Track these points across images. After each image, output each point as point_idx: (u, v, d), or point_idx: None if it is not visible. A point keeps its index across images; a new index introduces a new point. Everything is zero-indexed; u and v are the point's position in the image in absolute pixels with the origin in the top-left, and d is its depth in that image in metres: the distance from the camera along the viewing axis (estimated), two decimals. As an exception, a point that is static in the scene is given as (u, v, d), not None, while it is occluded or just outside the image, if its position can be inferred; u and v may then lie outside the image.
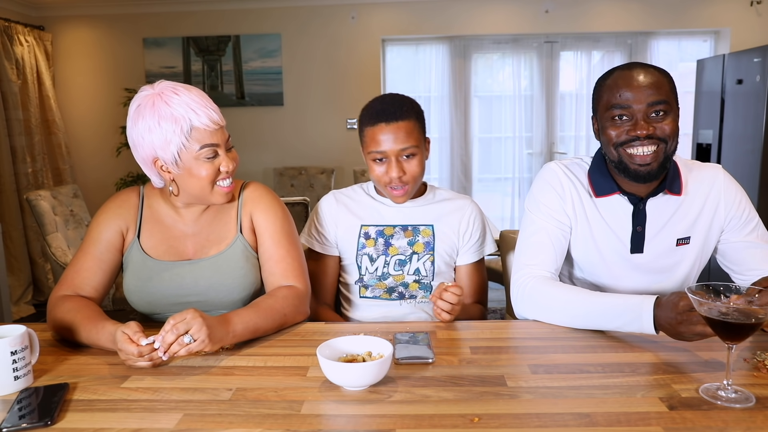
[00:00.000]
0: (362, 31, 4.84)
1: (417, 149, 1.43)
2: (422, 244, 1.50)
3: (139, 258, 1.31)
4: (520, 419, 0.85)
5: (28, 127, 4.43)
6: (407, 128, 1.42)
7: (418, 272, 1.50)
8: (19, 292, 4.19)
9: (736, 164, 3.88)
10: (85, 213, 3.35)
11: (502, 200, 5.27)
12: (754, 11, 4.64)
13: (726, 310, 0.89)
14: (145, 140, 1.22)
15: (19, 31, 4.42)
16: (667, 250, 1.32)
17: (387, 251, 1.50)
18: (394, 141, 1.41)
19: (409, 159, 1.43)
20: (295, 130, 4.99)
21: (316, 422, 0.86)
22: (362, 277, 1.52)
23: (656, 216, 1.31)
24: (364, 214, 1.54)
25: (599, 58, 5.02)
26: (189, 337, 1.04)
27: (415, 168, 1.44)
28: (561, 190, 1.35)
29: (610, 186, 1.32)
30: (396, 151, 1.41)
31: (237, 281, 1.31)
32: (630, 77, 1.23)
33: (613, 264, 1.34)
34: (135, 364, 1.05)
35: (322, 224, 1.55)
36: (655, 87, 1.21)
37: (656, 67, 1.25)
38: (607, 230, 1.33)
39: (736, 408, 0.87)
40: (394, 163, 1.42)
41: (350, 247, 1.52)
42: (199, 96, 1.24)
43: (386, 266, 1.50)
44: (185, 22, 4.87)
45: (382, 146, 1.42)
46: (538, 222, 1.35)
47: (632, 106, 1.21)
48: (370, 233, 1.52)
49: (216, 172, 1.27)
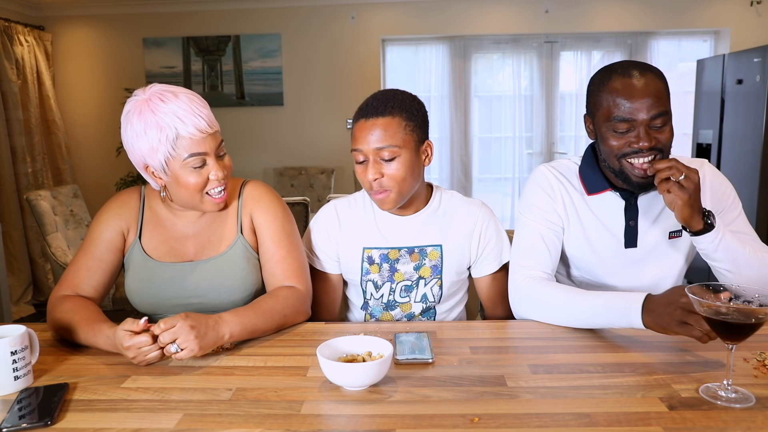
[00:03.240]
0: (362, 31, 4.84)
1: (398, 150, 1.27)
2: (429, 268, 1.39)
3: (141, 259, 1.31)
4: (520, 419, 0.85)
5: (28, 127, 4.43)
6: (386, 125, 1.27)
7: (425, 298, 1.41)
8: (19, 292, 4.19)
9: (736, 164, 3.88)
10: (85, 213, 3.35)
11: (502, 200, 5.27)
12: (754, 11, 4.64)
13: (726, 310, 0.89)
14: (134, 146, 1.22)
15: (19, 31, 4.42)
16: (660, 244, 1.34)
17: (392, 277, 1.40)
18: (369, 139, 1.28)
19: (390, 162, 1.28)
20: (295, 130, 4.99)
21: (316, 422, 0.86)
22: (367, 302, 1.44)
23: (648, 210, 1.33)
24: (365, 233, 1.41)
25: (599, 58, 5.02)
26: (175, 346, 1.04)
27: (396, 171, 1.28)
28: (551, 192, 1.36)
29: (602, 183, 1.33)
30: (372, 151, 1.28)
31: (238, 282, 1.31)
32: (631, 87, 1.20)
33: (609, 260, 1.36)
34: (146, 359, 1.04)
35: (323, 241, 1.44)
36: (656, 97, 1.20)
37: (653, 70, 1.24)
38: (600, 227, 1.34)
39: (736, 408, 0.87)
40: (371, 164, 1.29)
41: (353, 269, 1.42)
42: (188, 102, 1.20)
43: (392, 293, 1.41)
44: (185, 22, 4.87)
45: (359, 143, 1.29)
46: (531, 225, 1.36)
47: (635, 119, 1.21)
48: (374, 258, 1.40)
49: (205, 181, 1.24)
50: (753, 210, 3.72)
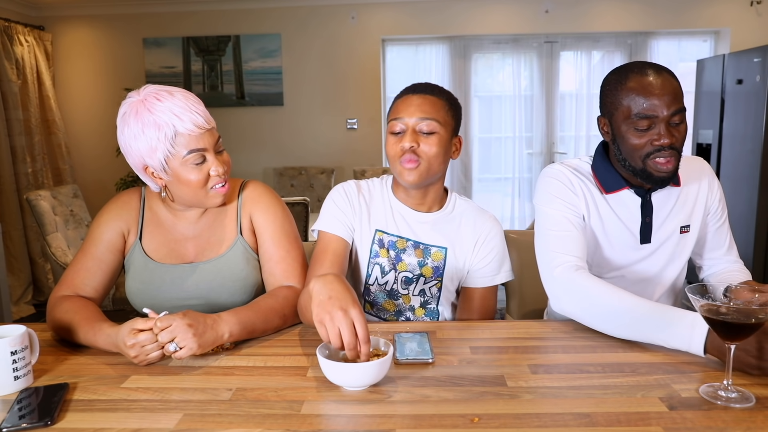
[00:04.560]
0: (362, 31, 4.84)
1: (439, 127, 1.30)
2: (431, 268, 1.39)
3: (141, 261, 1.31)
4: (520, 419, 0.85)
5: (28, 127, 4.44)
6: (433, 102, 1.31)
7: (423, 293, 1.41)
8: (19, 292, 4.19)
9: (736, 164, 3.88)
10: (85, 213, 3.35)
11: (502, 200, 5.28)
12: (754, 11, 4.64)
13: (726, 310, 0.89)
14: (133, 148, 1.21)
15: (19, 31, 4.42)
16: (672, 239, 1.37)
17: (396, 266, 1.40)
18: (414, 109, 1.30)
19: (428, 136, 1.30)
20: (295, 130, 4.99)
21: (316, 422, 0.86)
22: (369, 287, 1.41)
23: (661, 206, 1.36)
24: (380, 216, 1.42)
25: (599, 58, 5.02)
26: (174, 345, 1.04)
27: (432, 147, 1.30)
28: (572, 187, 1.35)
29: (618, 182, 1.34)
30: (414, 121, 1.30)
31: (238, 284, 1.31)
32: (650, 84, 1.22)
33: (622, 255, 1.38)
34: (147, 359, 1.04)
35: (344, 204, 1.41)
36: (675, 94, 1.22)
37: (667, 69, 1.26)
38: (618, 224, 1.36)
39: (736, 408, 0.87)
40: (409, 133, 1.30)
41: (364, 246, 1.41)
42: (184, 100, 1.20)
43: (396, 282, 1.40)
44: (185, 22, 4.87)
45: (401, 113, 1.31)
46: (556, 215, 1.33)
47: (657, 115, 1.21)
48: (384, 241, 1.40)
49: (206, 177, 1.24)
50: (753, 210, 3.72)
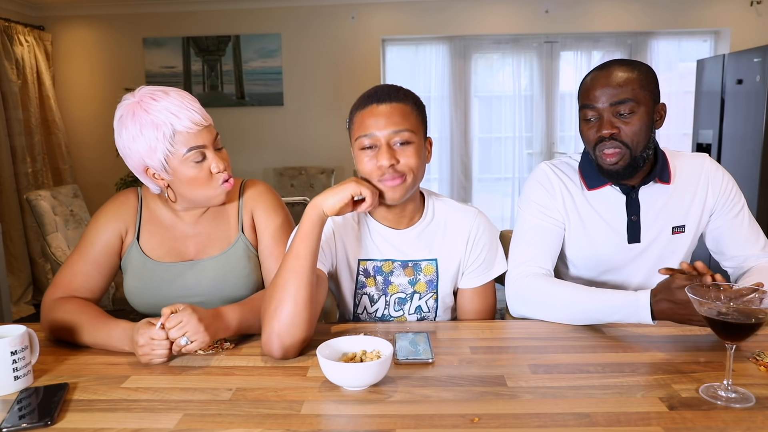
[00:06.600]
0: (362, 31, 4.84)
1: (414, 136, 1.20)
2: (424, 283, 1.33)
3: (139, 260, 1.31)
4: (520, 419, 0.85)
5: (28, 127, 4.43)
6: (402, 111, 1.20)
7: (420, 310, 1.35)
8: (19, 292, 4.19)
9: (736, 164, 3.88)
10: (85, 213, 3.35)
11: (502, 200, 5.28)
12: (754, 11, 4.64)
13: (726, 310, 0.90)
14: (132, 150, 1.21)
15: (19, 31, 4.42)
16: (663, 239, 1.34)
17: (387, 290, 1.33)
18: (385, 123, 1.18)
19: (404, 147, 1.19)
20: (295, 130, 4.98)
21: (316, 422, 0.86)
22: (358, 316, 1.36)
23: (650, 204, 1.33)
24: (360, 245, 1.33)
25: (599, 58, 5.01)
26: (186, 339, 1.06)
27: (411, 158, 1.19)
28: (551, 188, 1.36)
29: (599, 178, 1.34)
30: (387, 135, 1.18)
31: (240, 281, 1.31)
32: (599, 76, 1.24)
33: (610, 257, 1.36)
34: (155, 353, 1.06)
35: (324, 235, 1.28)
36: (621, 85, 1.21)
37: (633, 63, 1.25)
38: (601, 223, 1.35)
39: (736, 408, 0.87)
40: (384, 149, 1.18)
41: (345, 278, 1.34)
42: (180, 98, 1.21)
43: (387, 307, 1.34)
44: (185, 22, 4.87)
45: (370, 128, 1.19)
46: (530, 220, 1.37)
47: (597, 106, 1.24)
48: (369, 270, 1.33)
49: (208, 174, 1.24)
50: (753, 210, 3.72)
